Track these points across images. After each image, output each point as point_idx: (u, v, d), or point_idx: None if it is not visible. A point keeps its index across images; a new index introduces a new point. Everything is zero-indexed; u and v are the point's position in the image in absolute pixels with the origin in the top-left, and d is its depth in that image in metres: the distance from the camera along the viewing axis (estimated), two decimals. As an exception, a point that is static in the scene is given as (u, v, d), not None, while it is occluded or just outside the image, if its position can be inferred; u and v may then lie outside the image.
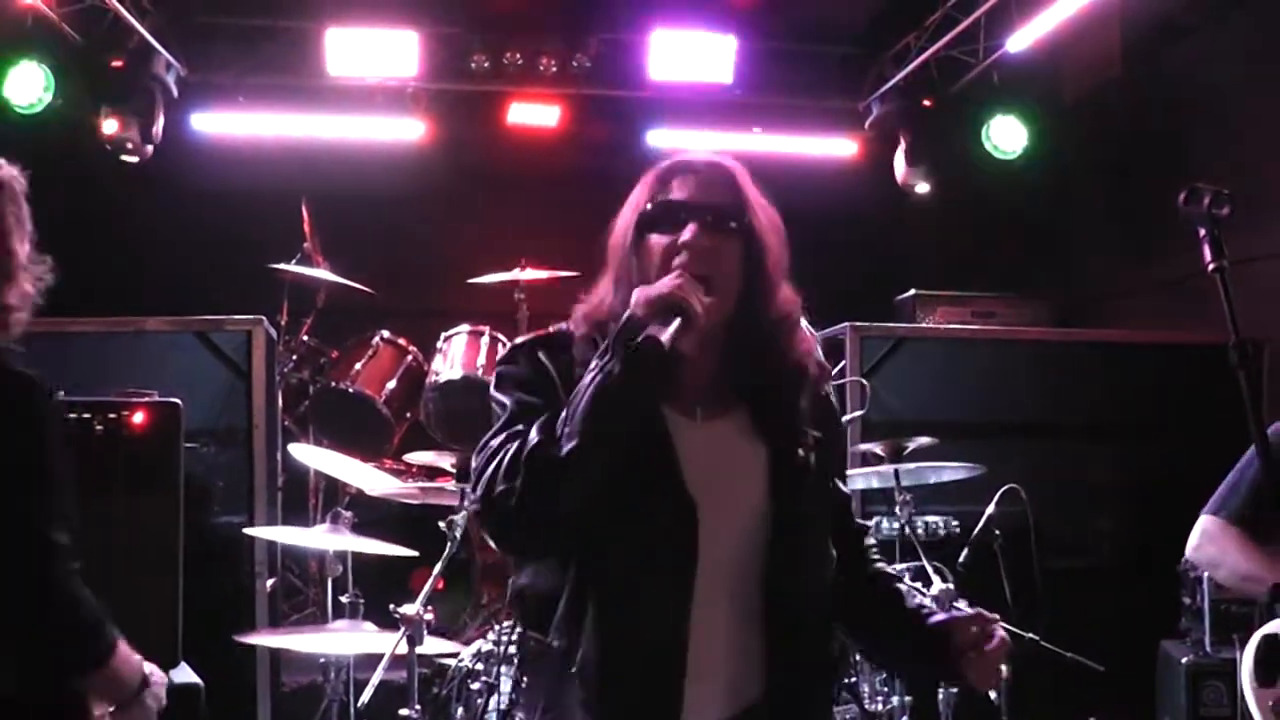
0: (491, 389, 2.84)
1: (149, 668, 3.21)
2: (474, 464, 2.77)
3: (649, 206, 2.79)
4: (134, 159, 8.79)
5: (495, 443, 2.69)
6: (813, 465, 2.83)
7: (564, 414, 2.60)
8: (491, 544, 2.80)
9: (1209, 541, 4.67)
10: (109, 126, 8.60)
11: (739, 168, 2.86)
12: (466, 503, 2.76)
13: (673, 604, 2.69)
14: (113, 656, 3.04)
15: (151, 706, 3.23)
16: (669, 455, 2.71)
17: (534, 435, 2.61)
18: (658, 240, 2.75)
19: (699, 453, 2.74)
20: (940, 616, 2.86)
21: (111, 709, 3.14)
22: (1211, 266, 2.91)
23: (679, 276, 2.64)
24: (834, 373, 5.31)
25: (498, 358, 2.96)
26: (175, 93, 8.96)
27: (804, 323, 2.92)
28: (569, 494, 2.59)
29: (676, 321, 2.57)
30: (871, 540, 3.10)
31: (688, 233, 2.71)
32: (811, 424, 2.87)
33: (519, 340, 2.94)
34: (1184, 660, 5.97)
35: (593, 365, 2.63)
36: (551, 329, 2.90)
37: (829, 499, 2.94)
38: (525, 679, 3.07)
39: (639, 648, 2.70)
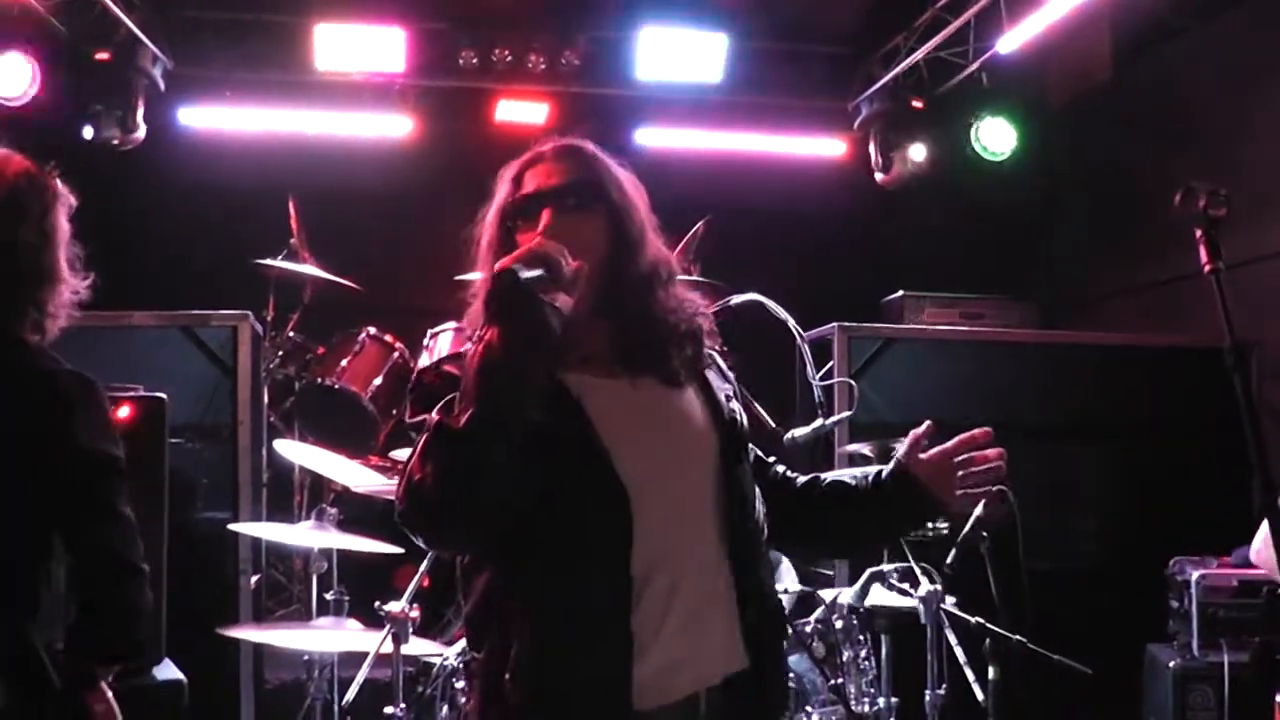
0: (407, 418, 2.90)
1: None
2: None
3: (505, 205, 2.92)
4: (123, 147, 8.73)
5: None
6: (737, 408, 2.92)
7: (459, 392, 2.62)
8: (420, 543, 2.78)
9: (1265, 545, 4.66)
10: (86, 133, 8.54)
11: (587, 144, 2.96)
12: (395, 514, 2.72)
13: (612, 588, 2.67)
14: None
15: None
16: (585, 426, 2.72)
17: (433, 416, 2.62)
18: (523, 235, 2.83)
19: (627, 408, 2.78)
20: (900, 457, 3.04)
21: None
22: (1208, 268, 2.89)
23: (538, 242, 2.70)
24: (821, 373, 5.31)
25: (408, 388, 3.02)
26: (162, 86, 8.92)
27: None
28: (482, 470, 2.55)
29: (539, 271, 2.61)
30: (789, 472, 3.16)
31: (544, 219, 2.78)
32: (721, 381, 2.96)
33: (422, 367, 3.01)
34: (1171, 664, 5.98)
35: (474, 336, 2.70)
36: (451, 344, 3.00)
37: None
38: (469, 700, 3.06)
39: (577, 640, 2.67)
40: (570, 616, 2.67)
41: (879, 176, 9.71)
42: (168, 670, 5.09)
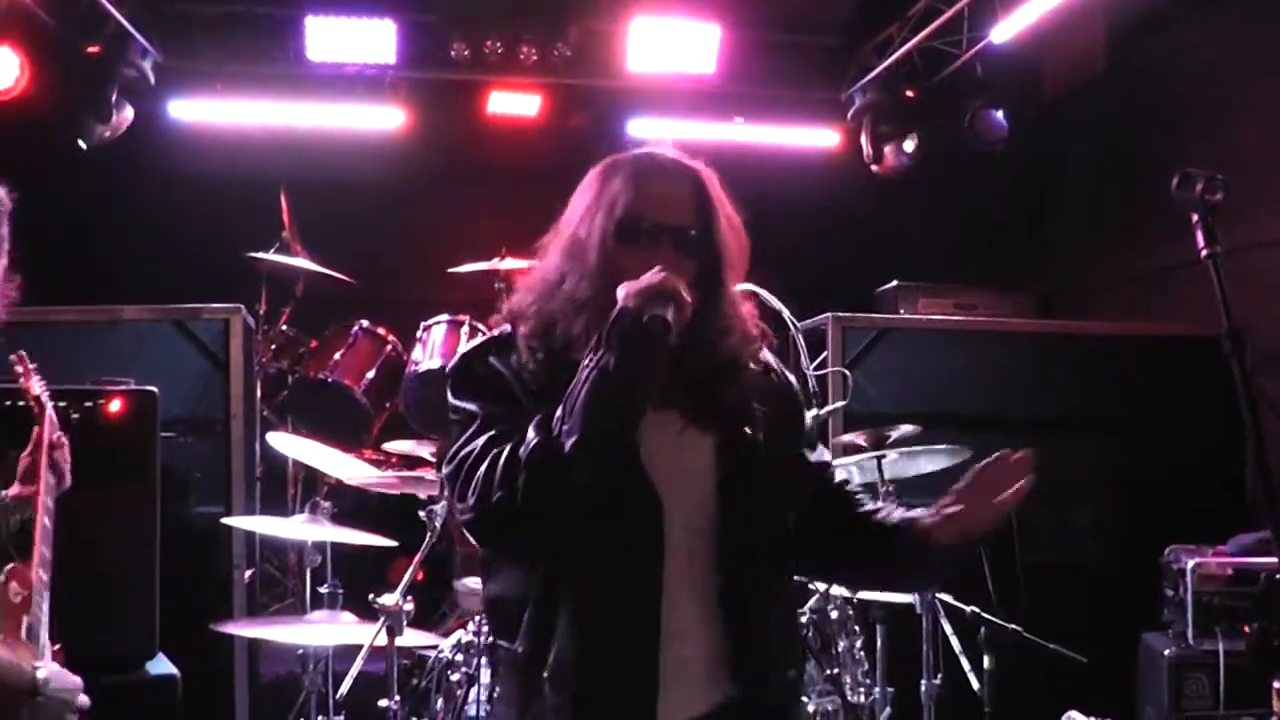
0: (450, 398, 2.87)
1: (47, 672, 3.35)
2: (446, 472, 2.80)
3: (624, 217, 2.83)
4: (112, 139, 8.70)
5: (472, 450, 2.72)
6: (762, 444, 2.86)
7: (560, 411, 2.62)
8: (482, 548, 2.80)
9: None
10: (81, 144, 8.51)
11: (707, 173, 2.93)
12: (457, 515, 2.72)
13: (645, 601, 2.71)
14: None
15: None
16: (634, 452, 2.72)
17: (532, 435, 2.63)
18: (633, 251, 2.79)
19: (656, 447, 2.75)
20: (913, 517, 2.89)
21: None
22: (1205, 253, 2.88)
23: (663, 270, 2.69)
24: (815, 363, 5.30)
25: (449, 368, 2.97)
26: (152, 80, 8.88)
27: (753, 290, 2.95)
28: (576, 490, 2.62)
29: (669, 310, 2.62)
30: (854, 489, 3.09)
31: (665, 254, 2.77)
32: (759, 400, 2.91)
33: (467, 350, 2.97)
34: (1166, 652, 5.98)
35: (586, 359, 2.64)
36: (495, 332, 2.96)
37: (786, 477, 2.94)
38: (497, 689, 3.05)
39: (614, 648, 2.71)
40: (612, 626, 2.71)
41: (873, 167, 9.70)
42: (161, 665, 5.08)
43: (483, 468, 2.66)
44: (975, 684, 5.25)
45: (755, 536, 2.82)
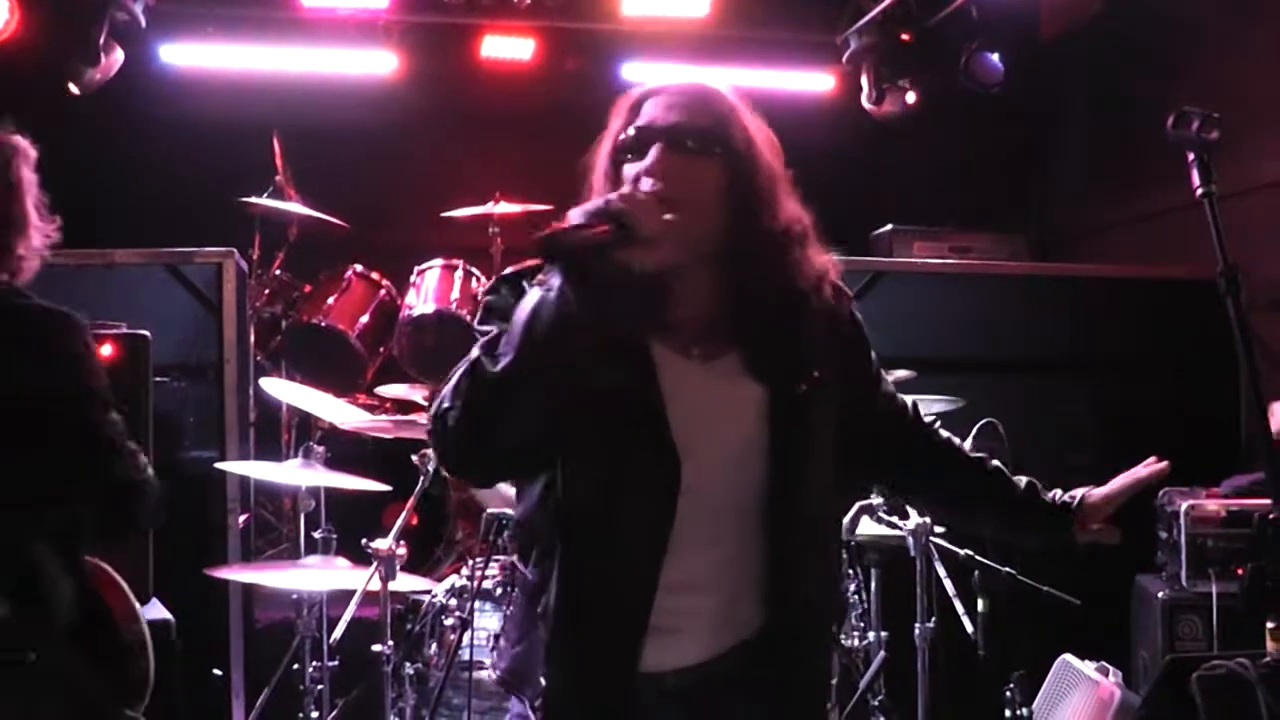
0: (476, 323, 2.72)
1: None
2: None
3: (622, 136, 2.69)
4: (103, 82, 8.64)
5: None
6: (815, 399, 2.71)
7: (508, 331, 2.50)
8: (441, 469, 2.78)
9: None
10: (73, 88, 8.44)
11: (718, 87, 2.76)
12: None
13: (644, 560, 2.62)
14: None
15: None
16: (654, 397, 2.61)
17: (475, 351, 2.52)
18: (629, 168, 2.65)
19: (691, 392, 2.64)
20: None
21: None
22: (1200, 192, 2.87)
23: (627, 189, 2.55)
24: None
25: (482, 290, 2.90)
26: (143, 23, 8.82)
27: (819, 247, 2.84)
28: (508, 416, 2.46)
29: (607, 227, 2.40)
30: (929, 420, 3.09)
31: (652, 154, 2.60)
32: (824, 352, 2.76)
33: (505, 271, 2.83)
34: (1160, 594, 6.00)
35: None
36: (530, 262, 2.75)
37: (846, 429, 2.83)
38: (510, 608, 3.05)
39: (602, 596, 2.65)
40: (604, 580, 2.65)
41: (870, 108, 9.65)
42: (156, 610, 5.07)
43: (449, 381, 2.56)
44: (969, 627, 5.26)
45: (800, 487, 2.70)
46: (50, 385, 3.43)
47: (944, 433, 3.09)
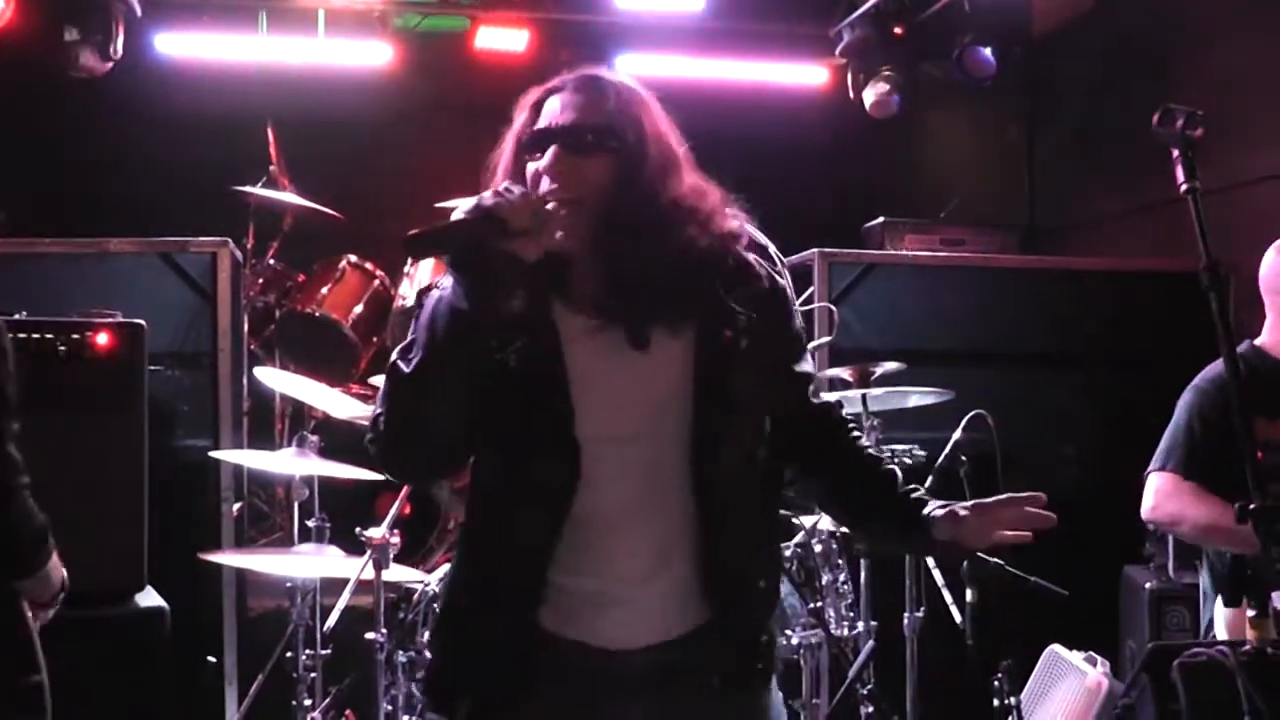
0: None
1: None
2: None
3: (521, 137, 2.80)
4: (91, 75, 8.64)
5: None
6: (742, 348, 2.75)
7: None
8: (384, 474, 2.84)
9: (1165, 500, 4.55)
10: (69, 34, 8.42)
11: (612, 78, 2.85)
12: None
13: (538, 529, 2.67)
14: (50, 562, 3.33)
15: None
16: (558, 365, 2.68)
17: (394, 356, 2.63)
18: (531, 166, 2.75)
19: (598, 359, 2.70)
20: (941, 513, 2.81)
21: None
22: (1184, 188, 2.90)
23: (501, 187, 2.64)
24: (802, 299, 5.31)
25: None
26: (139, 12, 8.82)
27: (740, 221, 2.86)
28: (428, 410, 2.61)
29: (475, 222, 2.55)
30: (843, 414, 3.01)
31: (548, 156, 2.70)
32: (744, 305, 2.78)
33: (425, 285, 2.91)
34: (1147, 585, 6.04)
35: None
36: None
37: (769, 386, 2.83)
38: None
39: (499, 565, 2.74)
40: (493, 553, 2.76)
41: (862, 100, 9.67)
42: (149, 598, 5.10)
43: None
44: (958, 617, 5.28)
45: (729, 452, 2.72)
46: None
47: (853, 429, 3.00)
